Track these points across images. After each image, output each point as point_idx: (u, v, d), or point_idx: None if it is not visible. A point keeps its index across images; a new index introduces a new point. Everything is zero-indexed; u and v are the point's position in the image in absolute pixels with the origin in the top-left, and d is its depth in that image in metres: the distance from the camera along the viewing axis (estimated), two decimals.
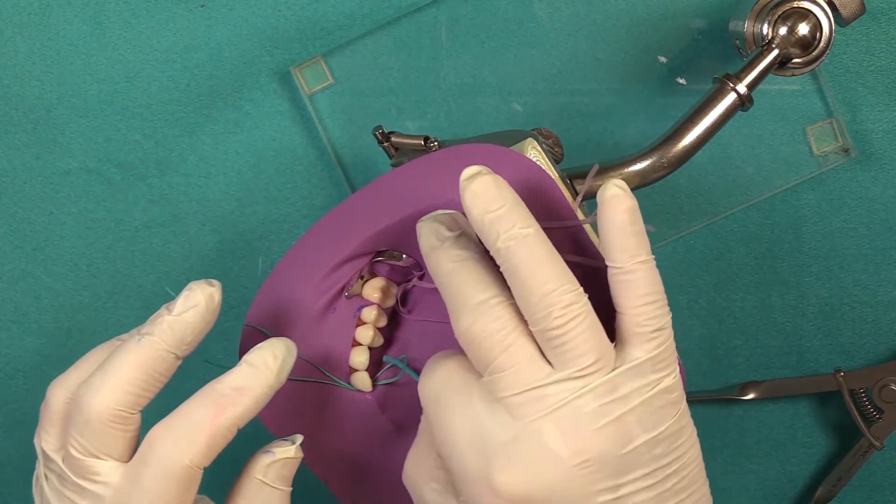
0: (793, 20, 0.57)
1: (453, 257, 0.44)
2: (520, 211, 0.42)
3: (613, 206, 0.42)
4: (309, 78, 0.64)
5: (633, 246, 0.43)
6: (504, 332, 0.42)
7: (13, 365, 0.68)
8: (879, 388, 0.64)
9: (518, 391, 0.42)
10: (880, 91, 0.63)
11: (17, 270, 0.67)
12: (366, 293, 0.54)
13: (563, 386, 0.42)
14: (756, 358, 0.67)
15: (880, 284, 0.65)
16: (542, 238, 0.42)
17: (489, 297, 0.43)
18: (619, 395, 0.42)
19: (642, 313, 0.43)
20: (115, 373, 0.45)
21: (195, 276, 0.66)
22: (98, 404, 0.44)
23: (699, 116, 0.56)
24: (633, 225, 0.43)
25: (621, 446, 0.42)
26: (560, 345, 0.42)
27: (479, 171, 0.43)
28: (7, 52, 0.65)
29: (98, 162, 0.66)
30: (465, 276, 0.43)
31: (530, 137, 0.52)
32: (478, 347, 0.43)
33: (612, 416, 0.42)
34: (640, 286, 0.43)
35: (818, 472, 0.68)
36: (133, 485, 0.44)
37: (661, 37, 0.63)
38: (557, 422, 0.42)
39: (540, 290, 0.42)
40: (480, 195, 0.42)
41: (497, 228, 0.42)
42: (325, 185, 0.65)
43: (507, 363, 0.42)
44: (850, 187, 0.64)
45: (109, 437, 0.45)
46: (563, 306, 0.42)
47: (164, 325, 0.45)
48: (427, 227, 0.46)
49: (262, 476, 0.47)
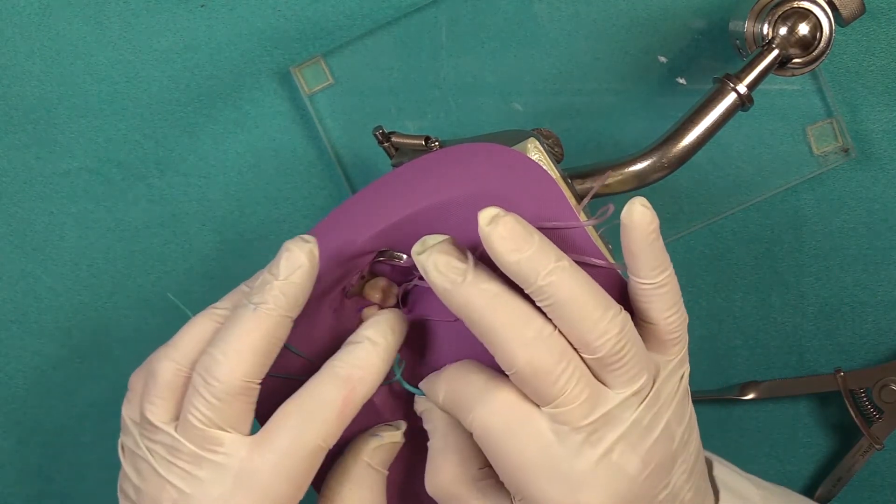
0: (793, 20, 0.57)
1: (485, 293, 0.43)
2: (549, 245, 0.43)
3: (643, 226, 0.43)
4: (309, 78, 0.64)
5: (662, 262, 0.44)
6: (563, 363, 0.43)
7: (13, 365, 0.68)
8: (879, 388, 0.64)
9: (590, 420, 0.44)
10: (880, 91, 0.63)
11: (17, 270, 0.67)
12: (366, 293, 0.53)
13: (625, 405, 0.44)
14: (756, 358, 0.67)
15: (880, 284, 0.65)
16: (576, 268, 0.43)
17: (539, 329, 0.43)
18: (662, 401, 0.45)
19: (672, 321, 0.45)
20: (239, 343, 0.45)
21: (195, 276, 0.67)
22: (226, 375, 0.45)
23: (699, 116, 0.56)
24: (658, 240, 0.44)
25: (670, 446, 0.45)
26: (617, 368, 0.44)
27: (499, 213, 0.42)
28: (7, 52, 0.65)
29: (98, 162, 0.66)
30: (507, 310, 0.43)
31: (532, 137, 0.52)
32: (541, 382, 0.43)
33: (662, 423, 0.45)
34: (669, 297, 0.45)
35: (818, 472, 0.68)
36: (262, 459, 0.45)
37: (661, 37, 0.63)
38: (627, 441, 0.44)
39: (591, 321, 0.43)
40: (509, 237, 0.42)
41: (534, 268, 0.42)
42: (325, 185, 0.65)
43: (576, 395, 0.43)
44: (850, 187, 0.64)
45: (236, 408, 0.45)
46: (618, 331, 0.43)
47: (276, 290, 0.45)
48: (435, 261, 0.44)
49: (369, 458, 0.49)
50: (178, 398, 0.47)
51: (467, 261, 0.44)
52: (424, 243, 0.45)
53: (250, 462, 0.45)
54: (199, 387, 0.45)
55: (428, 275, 0.44)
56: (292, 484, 0.45)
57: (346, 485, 0.48)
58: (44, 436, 0.69)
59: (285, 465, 0.45)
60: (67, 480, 0.69)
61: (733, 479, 0.51)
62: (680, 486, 0.46)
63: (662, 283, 0.44)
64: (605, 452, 0.44)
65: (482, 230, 0.42)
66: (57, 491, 0.69)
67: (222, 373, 0.45)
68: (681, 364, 0.46)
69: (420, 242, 0.45)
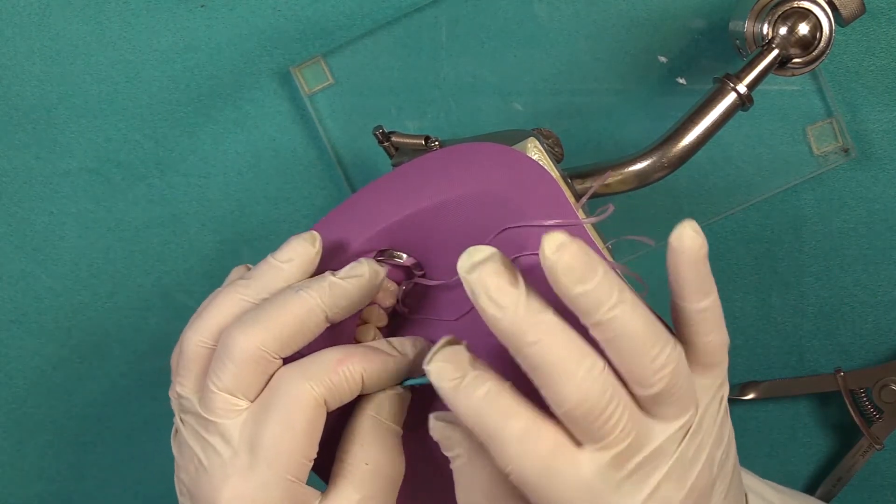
0: (793, 20, 0.57)
1: (540, 325, 0.41)
2: (613, 276, 0.41)
3: (693, 252, 0.41)
4: (309, 78, 0.64)
5: (709, 287, 0.43)
6: (614, 403, 0.41)
7: (13, 365, 0.68)
8: (879, 388, 0.64)
9: (641, 458, 0.42)
10: (880, 91, 0.63)
11: (17, 270, 0.67)
12: None
13: (672, 439, 0.43)
14: (756, 358, 0.67)
15: (880, 284, 0.65)
16: (637, 301, 0.42)
17: (592, 366, 0.41)
18: (705, 429, 0.44)
19: (716, 344, 0.44)
20: (266, 315, 0.46)
21: (195, 276, 0.67)
22: (243, 341, 0.46)
23: (699, 116, 0.56)
24: (706, 266, 0.42)
25: (711, 473, 0.44)
26: (671, 403, 0.42)
27: (565, 242, 0.39)
28: (7, 52, 0.65)
29: (98, 162, 0.66)
30: (562, 346, 0.41)
31: (532, 137, 0.52)
32: (592, 422, 0.41)
33: (705, 454, 0.44)
34: (712, 321, 0.43)
35: (818, 472, 0.68)
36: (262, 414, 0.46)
37: (661, 37, 0.63)
38: (673, 478, 0.43)
39: (650, 357, 0.41)
40: (576, 268, 0.40)
41: (599, 300, 0.40)
42: (325, 185, 0.65)
43: (625, 435, 0.42)
44: (850, 187, 0.64)
45: (248, 375, 0.46)
46: (674, 367, 0.42)
47: (325, 283, 0.47)
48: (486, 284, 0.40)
49: (375, 412, 0.48)
50: (205, 370, 0.48)
51: (519, 285, 0.41)
52: (471, 257, 0.41)
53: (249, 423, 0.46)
54: (220, 351, 0.46)
55: (476, 298, 0.41)
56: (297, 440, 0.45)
57: (356, 443, 0.48)
58: (44, 436, 0.69)
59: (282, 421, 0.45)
60: (67, 480, 0.69)
61: (754, 483, 0.51)
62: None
63: (706, 307, 0.43)
64: (653, 492, 0.42)
65: (546, 258, 0.39)
66: (57, 491, 0.69)
67: (242, 339, 0.46)
68: (721, 387, 0.45)
69: (466, 255, 0.41)
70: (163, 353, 0.65)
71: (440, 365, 0.41)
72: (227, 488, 0.45)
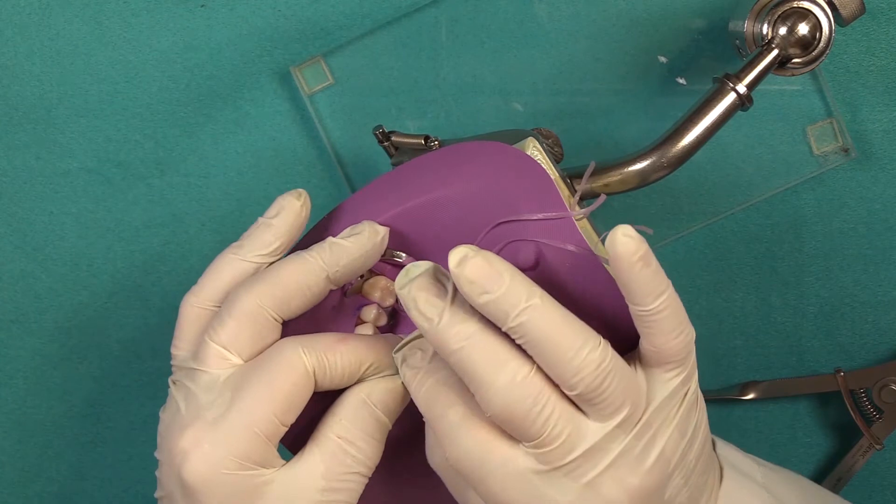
0: (793, 20, 0.57)
1: (459, 336, 0.42)
2: (520, 282, 0.42)
3: (627, 256, 0.41)
4: (309, 78, 0.64)
5: (655, 287, 0.42)
6: (539, 406, 0.42)
7: (13, 365, 0.68)
8: (879, 388, 0.64)
9: (574, 457, 0.43)
10: (880, 91, 0.63)
11: (17, 270, 0.67)
12: (365, 292, 0.54)
13: (610, 437, 0.43)
14: (756, 358, 0.67)
15: (880, 284, 0.65)
16: (549, 302, 0.42)
17: (514, 373, 0.42)
18: (656, 427, 0.44)
19: (674, 346, 0.44)
20: (268, 276, 0.47)
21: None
22: (245, 298, 0.47)
23: (699, 116, 0.56)
24: (648, 267, 0.42)
25: (666, 468, 0.44)
26: (598, 402, 0.43)
27: (467, 255, 0.41)
28: (7, 52, 0.65)
29: (98, 162, 0.66)
30: (481, 354, 0.42)
31: (531, 137, 0.52)
32: (518, 425, 0.43)
33: (656, 450, 0.44)
34: (668, 322, 0.43)
35: (818, 472, 0.68)
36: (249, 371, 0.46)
37: (661, 37, 0.63)
38: (614, 474, 0.43)
39: (566, 359, 0.42)
40: (478, 279, 0.41)
41: (504, 308, 0.41)
42: (325, 185, 0.65)
43: (556, 435, 0.42)
44: (850, 187, 0.64)
45: (245, 331, 0.47)
46: (595, 368, 0.42)
47: (325, 244, 0.49)
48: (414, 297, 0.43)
49: (366, 395, 0.48)
50: (201, 332, 0.48)
51: (445, 298, 0.43)
52: (408, 274, 0.44)
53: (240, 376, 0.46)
54: (222, 309, 0.47)
55: (409, 312, 0.43)
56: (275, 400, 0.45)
57: (335, 416, 0.47)
58: (44, 436, 0.69)
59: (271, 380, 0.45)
60: (67, 480, 0.69)
61: (735, 457, 0.51)
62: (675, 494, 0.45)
63: (658, 308, 0.43)
64: (590, 484, 0.43)
65: (452, 271, 0.41)
66: (57, 491, 0.70)
67: (243, 296, 0.47)
68: (684, 383, 0.45)
69: (404, 272, 0.44)
70: (163, 353, 0.65)
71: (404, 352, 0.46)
72: (191, 431, 0.45)
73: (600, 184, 0.56)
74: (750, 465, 0.51)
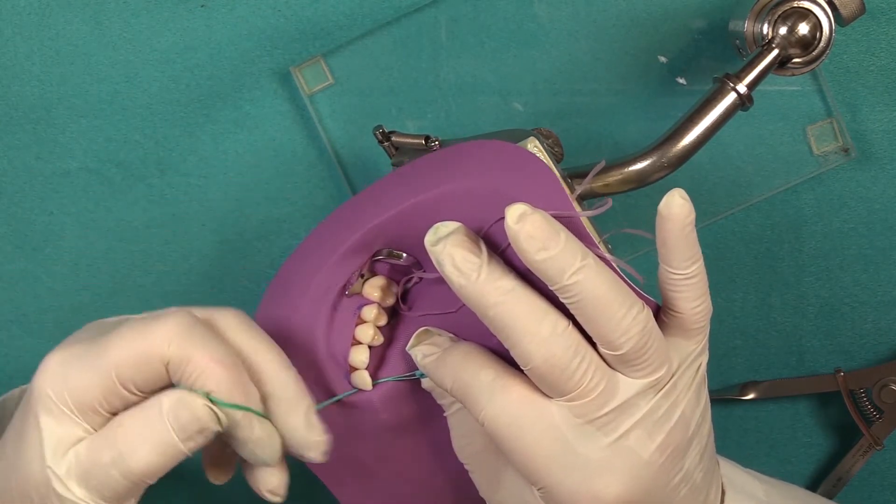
0: (793, 20, 0.57)
1: (500, 289, 0.44)
2: (575, 243, 0.43)
3: (681, 218, 0.44)
4: (309, 78, 0.64)
5: (695, 252, 0.45)
6: (578, 358, 0.44)
7: (13, 365, 0.68)
8: (879, 388, 0.64)
9: (606, 411, 0.44)
10: (880, 91, 0.63)
11: (17, 270, 0.67)
12: (366, 292, 0.54)
13: (641, 395, 0.45)
14: (756, 358, 0.67)
15: (880, 284, 0.65)
16: (601, 265, 0.44)
17: (554, 325, 0.44)
18: (679, 390, 0.46)
19: (699, 311, 0.46)
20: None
21: (195, 275, 0.67)
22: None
23: (699, 116, 0.56)
24: (693, 232, 0.44)
25: (686, 432, 0.46)
26: (639, 363, 0.44)
27: (526, 211, 0.42)
28: (7, 52, 0.65)
29: (98, 162, 0.66)
30: (522, 307, 0.44)
31: (531, 137, 0.52)
32: (557, 378, 0.44)
33: (678, 412, 0.45)
34: (697, 288, 0.46)
35: (818, 472, 0.68)
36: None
37: (661, 37, 0.63)
38: (643, 428, 0.45)
39: (616, 320, 0.43)
40: (538, 236, 0.42)
41: (560, 266, 0.42)
42: (325, 185, 0.65)
43: (591, 388, 0.44)
44: (850, 187, 0.64)
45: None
46: (641, 328, 0.44)
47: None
48: (451, 254, 0.44)
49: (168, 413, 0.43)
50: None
51: (481, 254, 0.44)
52: (437, 232, 0.45)
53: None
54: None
55: (443, 269, 0.44)
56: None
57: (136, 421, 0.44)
58: None
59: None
60: None
61: (736, 475, 0.52)
62: (693, 467, 0.47)
63: (692, 273, 0.45)
64: (620, 438, 0.44)
65: (509, 228, 0.42)
66: None
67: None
68: (701, 353, 0.47)
69: (433, 231, 0.45)
70: None
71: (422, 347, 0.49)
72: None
73: (600, 184, 0.56)
74: (752, 482, 0.52)
